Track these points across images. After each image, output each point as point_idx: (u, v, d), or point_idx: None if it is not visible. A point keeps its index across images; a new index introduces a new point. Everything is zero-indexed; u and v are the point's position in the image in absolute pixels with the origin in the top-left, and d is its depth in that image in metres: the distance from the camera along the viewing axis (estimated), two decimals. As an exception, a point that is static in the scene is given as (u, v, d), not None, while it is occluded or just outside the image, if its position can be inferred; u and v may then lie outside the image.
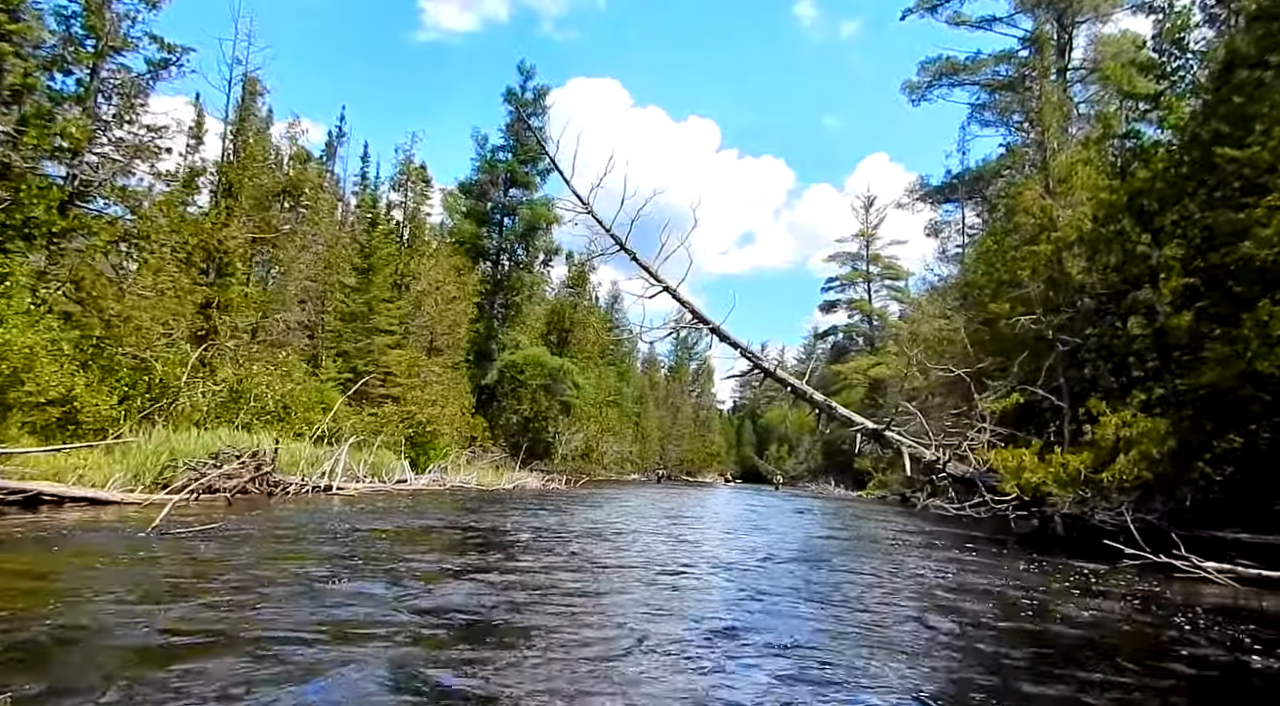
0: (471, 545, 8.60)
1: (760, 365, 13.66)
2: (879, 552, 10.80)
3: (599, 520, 13.51)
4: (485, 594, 5.75)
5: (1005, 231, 24.06)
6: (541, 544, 9.31)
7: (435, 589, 5.85)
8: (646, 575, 7.30)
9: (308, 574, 6.11)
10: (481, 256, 38.82)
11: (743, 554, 9.41)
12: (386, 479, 18.69)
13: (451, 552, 8.15)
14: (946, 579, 8.15)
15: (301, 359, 27.98)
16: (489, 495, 20.77)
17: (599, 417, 50.65)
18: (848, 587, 7.30)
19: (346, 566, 6.61)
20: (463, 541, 9.13)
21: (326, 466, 15.72)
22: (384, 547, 8.06)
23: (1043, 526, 13.43)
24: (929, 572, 8.56)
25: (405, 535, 9.31)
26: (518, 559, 7.88)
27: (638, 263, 13.96)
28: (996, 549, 11.44)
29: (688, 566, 8.09)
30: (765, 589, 6.92)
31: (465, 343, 36.34)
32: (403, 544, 8.50)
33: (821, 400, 13.60)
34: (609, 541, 9.52)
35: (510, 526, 11.36)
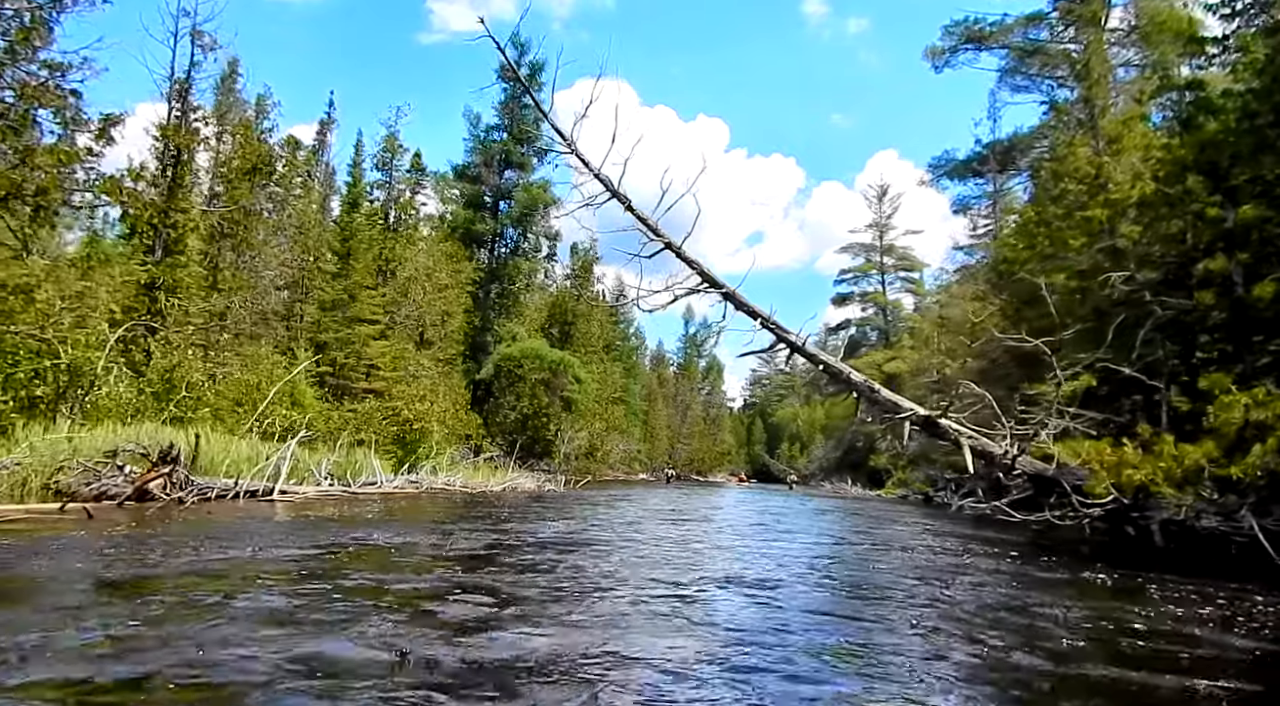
0: (354, 587, 6.08)
1: (785, 337, 11.19)
2: (945, 573, 8.35)
3: (580, 535, 11.07)
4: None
5: (1050, 199, 21.50)
6: (480, 572, 6.91)
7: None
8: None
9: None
10: (475, 243, 36.43)
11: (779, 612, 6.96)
12: (353, 481, 16.27)
13: (302, 600, 5.72)
14: (1063, 614, 5.68)
15: (279, 351, 25.72)
16: (473, 499, 18.36)
17: (604, 415, 48.25)
18: (941, 637, 4.83)
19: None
20: (344, 575, 6.68)
21: (271, 467, 13.31)
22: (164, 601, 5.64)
23: (1124, 534, 10.90)
24: (1037, 604, 6.08)
25: (262, 572, 6.87)
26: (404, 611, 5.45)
27: (632, 212, 11.48)
28: (1087, 564, 8.96)
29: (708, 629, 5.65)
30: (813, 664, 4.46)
31: (458, 335, 33.97)
32: (243, 580, 6.08)
33: (860, 380, 11.13)
34: (584, 580, 7.08)
35: (459, 545, 8.94)
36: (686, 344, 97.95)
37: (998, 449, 10.53)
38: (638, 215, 11.31)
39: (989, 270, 26.93)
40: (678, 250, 11.30)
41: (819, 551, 10.42)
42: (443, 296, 31.63)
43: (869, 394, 11.05)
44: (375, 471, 17.42)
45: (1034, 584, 7.64)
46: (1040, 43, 28.54)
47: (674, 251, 11.29)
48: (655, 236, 11.22)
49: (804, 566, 8.58)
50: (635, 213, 11.33)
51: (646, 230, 11.25)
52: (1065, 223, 20.52)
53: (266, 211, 27.95)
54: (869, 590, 7.17)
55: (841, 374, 11.34)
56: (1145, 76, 21.29)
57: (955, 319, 27.59)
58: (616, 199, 11.36)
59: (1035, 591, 7.01)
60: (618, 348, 60.13)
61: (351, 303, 27.50)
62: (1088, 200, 20.21)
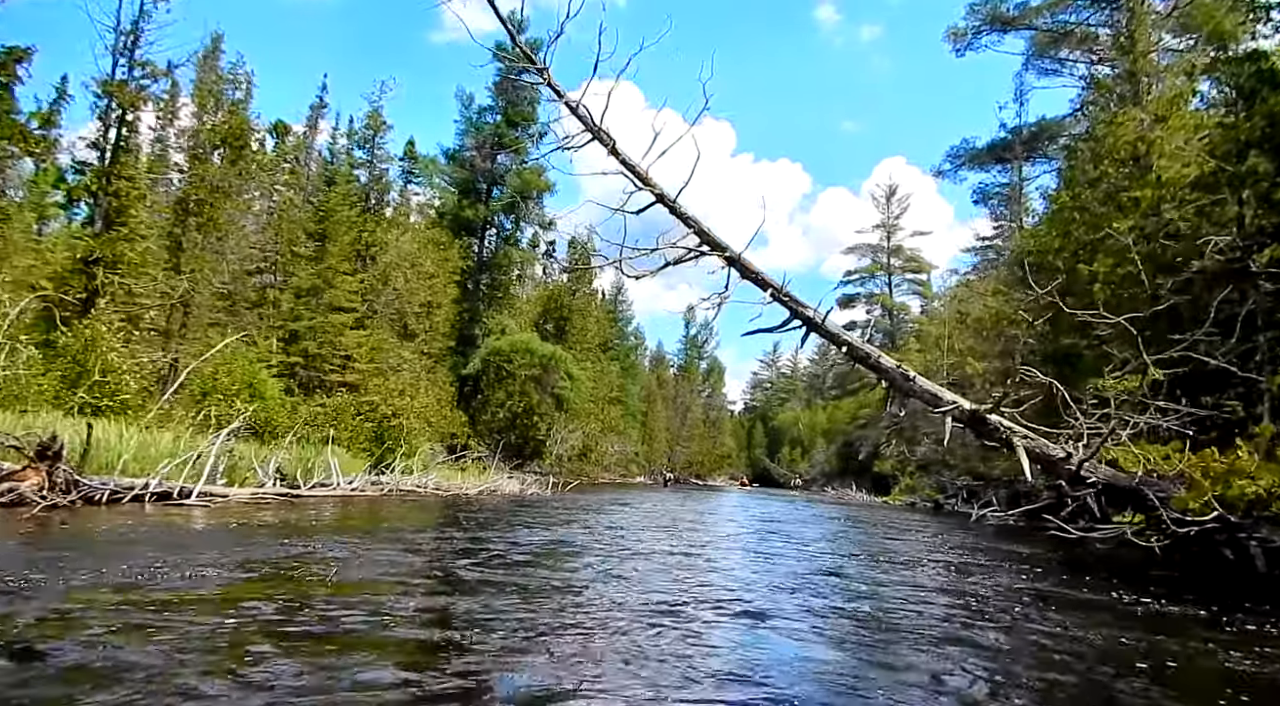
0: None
1: (801, 313, 9.23)
2: (982, 599, 6.39)
3: (550, 550, 9.14)
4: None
5: (1087, 183, 19.53)
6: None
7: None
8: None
9: None
10: (465, 230, 34.42)
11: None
12: (303, 482, 14.29)
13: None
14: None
15: (247, 339, 23.79)
16: (444, 503, 16.39)
17: (599, 415, 46.20)
18: None
19: None
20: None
21: (200, 465, 11.34)
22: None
23: (1198, 554, 8.92)
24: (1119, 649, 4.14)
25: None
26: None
27: (616, 156, 9.48)
28: (1164, 593, 6.99)
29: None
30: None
31: (445, 327, 32.01)
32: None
33: (892, 365, 9.18)
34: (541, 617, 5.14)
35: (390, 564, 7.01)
36: (687, 345, 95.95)
37: (1059, 451, 8.56)
38: (623, 159, 9.34)
39: (1013, 262, 24.92)
40: (671, 204, 9.34)
41: (832, 569, 8.49)
42: (428, 285, 29.66)
43: (903, 382, 9.07)
44: (333, 471, 15.43)
45: (1101, 616, 5.76)
46: (1071, 24, 26.56)
47: (667, 205, 9.34)
48: (643, 186, 9.25)
49: (822, 592, 6.65)
50: (620, 156, 9.36)
51: (633, 178, 9.29)
52: (1107, 207, 18.56)
53: (243, 191, 25.97)
54: (893, 624, 5.65)
55: (869, 358, 9.35)
56: (1197, 50, 19.30)
57: (975, 315, 25.52)
58: (598, 140, 9.41)
59: (1106, 626, 5.11)
60: (615, 346, 58.10)
61: (326, 288, 25.54)
62: (1130, 183, 18.27)
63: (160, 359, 18.30)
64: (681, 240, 9.34)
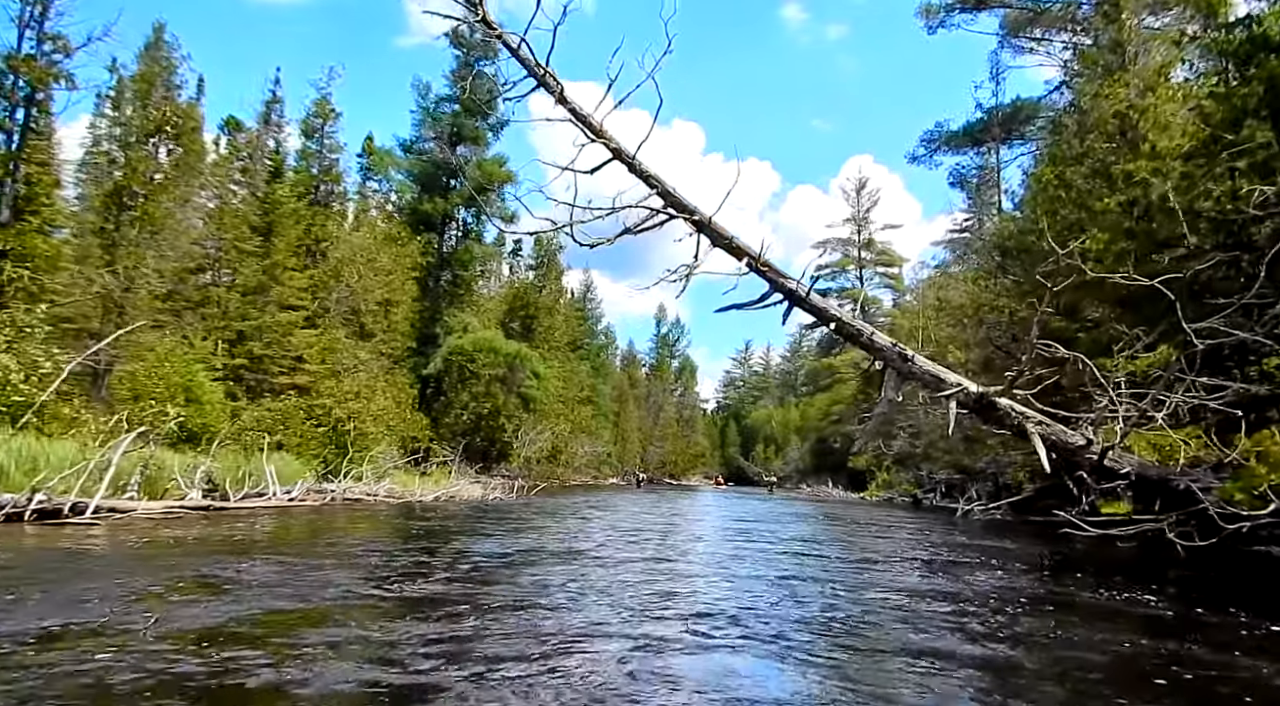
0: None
1: (782, 285, 8.10)
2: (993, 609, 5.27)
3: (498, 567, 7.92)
4: None
5: (1072, 158, 18.62)
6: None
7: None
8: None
9: None
10: (424, 225, 32.87)
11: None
12: (233, 492, 12.87)
13: None
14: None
15: (186, 341, 22.19)
16: (395, 512, 15.02)
17: (569, 415, 44.81)
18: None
19: None
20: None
21: (108, 475, 9.90)
22: None
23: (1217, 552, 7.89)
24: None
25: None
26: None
27: (565, 104, 8.17)
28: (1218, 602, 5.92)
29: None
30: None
31: (404, 326, 30.50)
32: None
33: (887, 343, 8.05)
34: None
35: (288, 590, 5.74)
36: (659, 344, 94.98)
37: (1078, 438, 7.46)
38: (572, 108, 8.08)
39: (992, 247, 24.03)
40: (629, 160, 8.11)
41: (814, 576, 7.36)
42: (384, 281, 28.16)
43: (900, 363, 7.94)
44: (270, 479, 14.00)
45: (1126, 625, 4.70)
46: (1048, 1, 25.71)
47: (625, 162, 8.11)
48: (596, 138, 8.00)
49: (806, 603, 5.53)
50: (568, 104, 8.10)
51: (584, 129, 8.03)
52: (1094, 182, 17.67)
53: (183, 184, 24.28)
54: (886, 639, 4.91)
55: (861, 335, 8.19)
56: (1183, 18, 18.48)
57: (956, 303, 24.57)
58: (543, 87, 8.15)
59: (1139, 637, 4.02)
60: (586, 345, 56.77)
61: (273, 285, 23.97)
62: (1118, 157, 17.37)
63: (75, 360, 16.65)
64: (645, 200, 8.13)
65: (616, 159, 8.20)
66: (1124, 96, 16.09)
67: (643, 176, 8.17)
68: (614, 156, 8.17)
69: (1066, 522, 8.96)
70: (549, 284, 47.28)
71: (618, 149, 8.16)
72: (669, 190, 8.21)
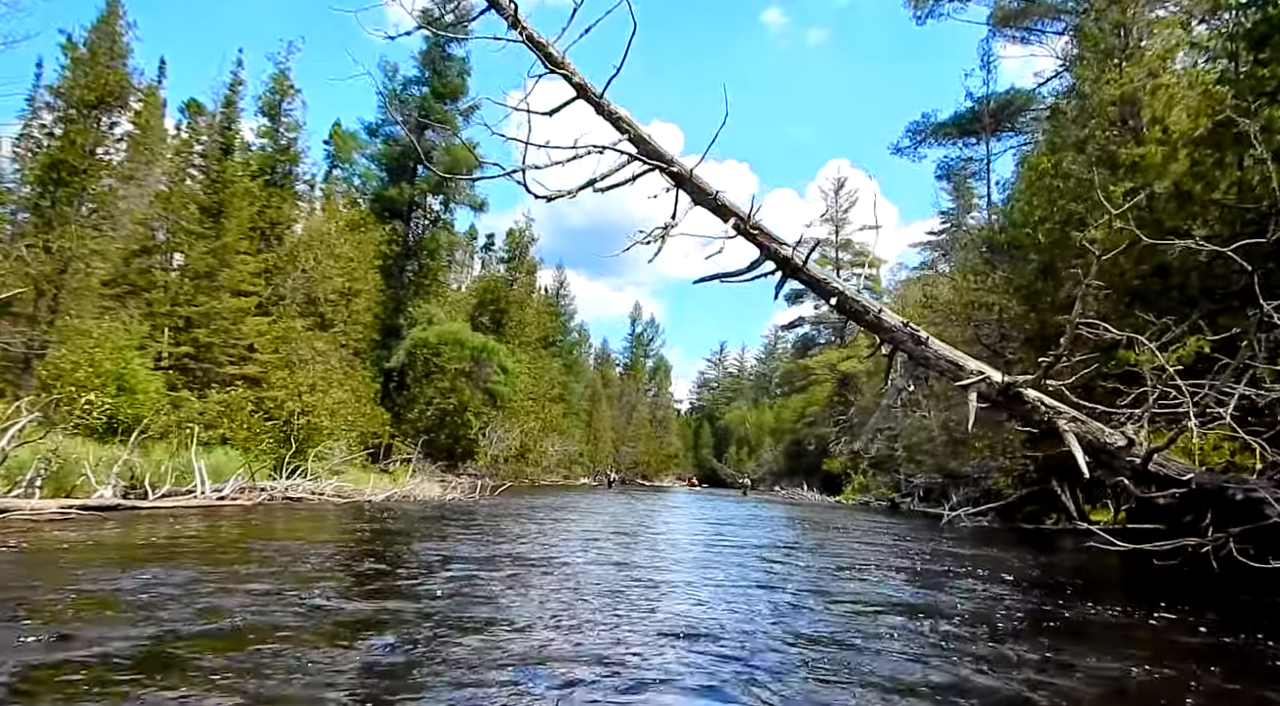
0: None
1: (775, 253, 6.95)
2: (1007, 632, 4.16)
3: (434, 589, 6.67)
4: None
5: (1072, 146, 17.68)
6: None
7: None
8: None
9: None
10: (389, 212, 31.37)
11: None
12: (151, 490, 11.47)
13: None
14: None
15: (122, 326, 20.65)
16: (338, 513, 13.67)
17: (540, 413, 43.48)
18: None
19: None
20: None
21: None
22: None
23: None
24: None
25: None
26: None
27: (519, 27, 6.83)
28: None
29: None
30: None
31: (366, 317, 28.99)
32: None
33: (897, 323, 6.90)
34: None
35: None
36: (633, 343, 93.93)
37: (1119, 438, 6.35)
38: (526, 33, 6.77)
39: (981, 242, 23.08)
40: (596, 99, 6.86)
41: (800, 587, 6.24)
42: (344, 269, 26.66)
43: (912, 346, 6.79)
44: (199, 476, 12.59)
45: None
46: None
47: (590, 101, 6.85)
48: (555, 69, 6.73)
49: (786, 620, 4.43)
50: (523, 27, 6.79)
51: (542, 59, 6.76)
52: (1095, 171, 16.70)
53: (125, 159, 22.69)
54: (889, 671, 4.01)
55: (866, 313, 7.01)
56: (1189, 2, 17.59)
57: (945, 299, 23.59)
58: (495, 8, 6.87)
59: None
60: (559, 342, 55.42)
61: (223, 269, 22.44)
62: (1120, 145, 16.44)
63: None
64: (617, 144, 6.87)
65: (581, 97, 6.95)
66: (1132, 76, 15.14)
67: (612, 119, 6.94)
68: (578, 94, 6.92)
69: (1089, 534, 7.83)
70: (520, 277, 45.90)
71: (582, 84, 6.92)
72: (643, 136, 7.00)
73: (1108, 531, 8.65)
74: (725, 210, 7.03)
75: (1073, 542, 17.55)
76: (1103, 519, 21.72)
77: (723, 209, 7.02)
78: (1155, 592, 7.24)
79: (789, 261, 6.96)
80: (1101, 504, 22.09)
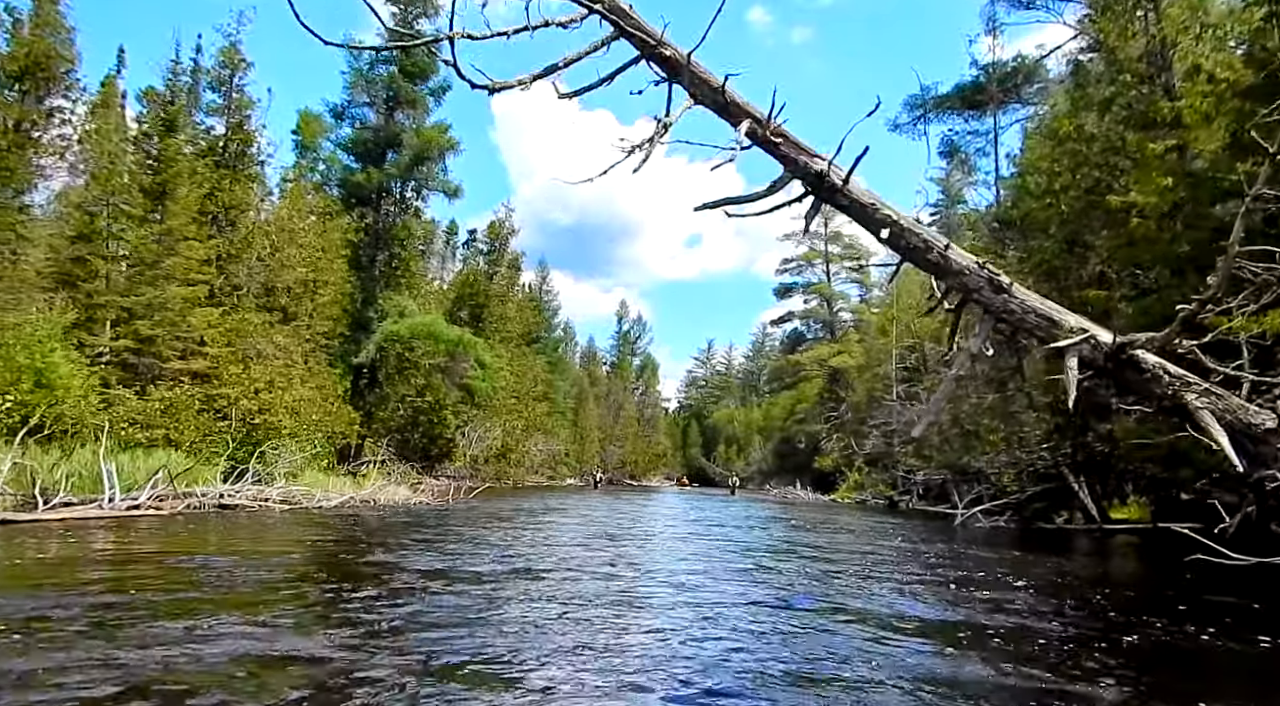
0: None
1: (804, 165, 5.13)
2: None
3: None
4: None
5: (1096, 107, 16.06)
6: None
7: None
8: None
9: None
10: (356, 199, 29.44)
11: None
12: (42, 500, 9.63)
13: None
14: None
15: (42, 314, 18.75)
16: (267, 523, 11.84)
17: (523, 412, 41.63)
18: None
19: None
20: None
21: None
22: None
23: None
24: None
25: None
26: None
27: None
28: None
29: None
30: None
31: (334, 310, 27.10)
32: None
33: (970, 263, 5.23)
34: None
35: None
36: (620, 341, 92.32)
37: (1268, 418, 4.64)
38: None
39: (991, 218, 21.45)
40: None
41: (814, 607, 4.60)
42: (307, 257, 24.76)
43: (991, 294, 5.04)
44: (106, 481, 10.74)
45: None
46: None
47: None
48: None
49: (804, 653, 3.46)
50: None
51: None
52: (1125, 130, 15.09)
53: (49, 131, 20.74)
54: None
55: (929, 250, 5.18)
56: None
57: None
58: None
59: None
60: (542, 339, 53.52)
61: (167, 256, 20.49)
62: (1148, 107, 14.81)
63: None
64: (585, 19, 5.11)
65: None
66: (1174, 17, 13.49)
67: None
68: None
69: (1205, 546, 6.12)
70: (501, 270, 44.03)
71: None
72: (622, 5, 5.26)
73: (1203, 535, 6.96)
74: (736, 110, 5.30)
75: (1089, 543, 16.05)
76: (1123, 516, 20.23)
77: (732, 109, 5.29)
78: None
79: (823, 179, 5.21)
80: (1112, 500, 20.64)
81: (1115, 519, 19.25)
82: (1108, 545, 15.86)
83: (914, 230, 5.24)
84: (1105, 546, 15.67)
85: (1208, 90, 12.93)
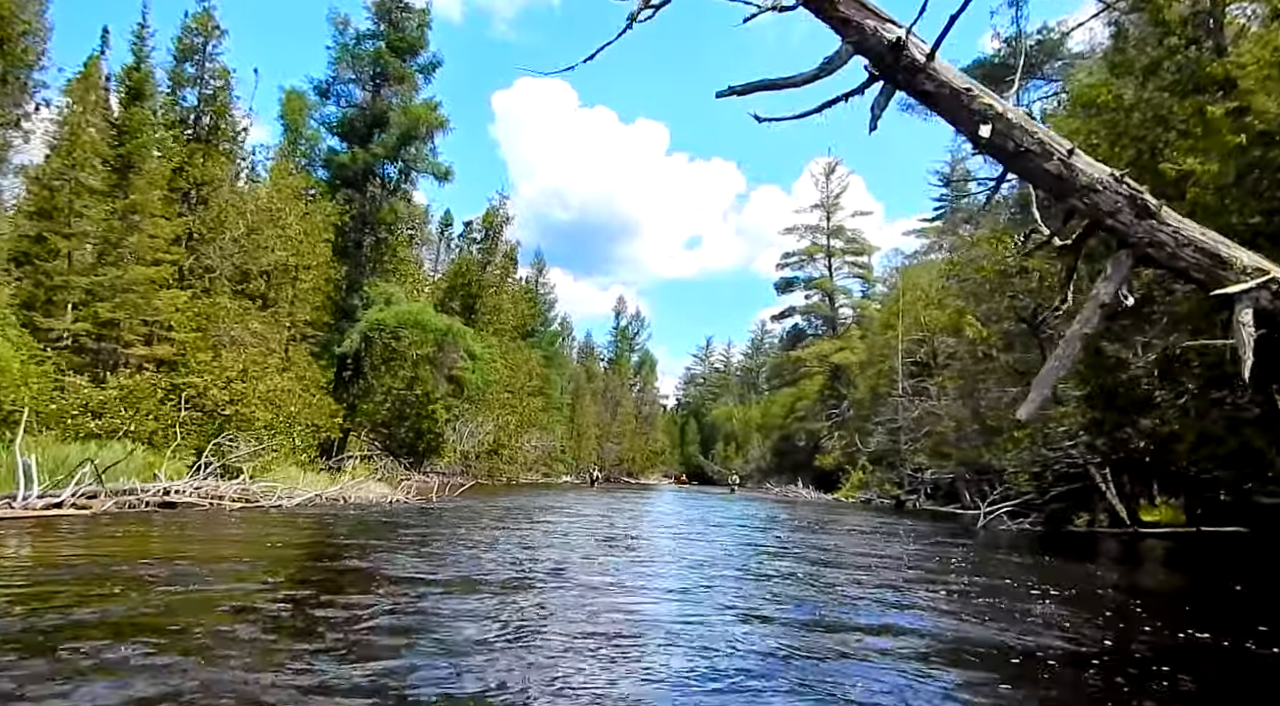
0: None
1: (871, 35, 3.67)
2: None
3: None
4: None
5: (1143, 71, 14.68)
6: None
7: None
8: None
9: None
10: (341, 180, 27.98)
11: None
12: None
13: None
14: None
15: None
16: (206, 525, 10.44)
17: (518, 407, 40.20)
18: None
19: None
20: None
21: None
22: None
23: None
24: None
25: None
26: None
27: None
28: None
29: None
30: None
31: (316, 296, 25.69)
32: None
33: (1103, 174, 3.79)
34: None
35: None
36: (617, 337, 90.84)
37: None
38: None
39: (1015, 201, 20.12)
40: None
41: (839, 626, 3.31)
42: (286, 239, 23.33)
43: (1130, 219, 3.61)
44: (20, 478, 9.33)
45: None
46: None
47: None
48: None
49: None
50: None
51: None
52: (1173, 95, 13.71)
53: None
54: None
55: (1047, 155, 3.70)
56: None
57: (977, 265, 20.46)
58: None
59: None
60: (538, 332, 52.02)
61: (132, 233, 19.07)
62: (1197, 70, 13.44)
63: None
64: None
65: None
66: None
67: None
68: None
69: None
70: (495, 259, 42.57)
71: None
72: None
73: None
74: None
75: (1124, 548, 14.75)
76: (1154, 518, 18.92)
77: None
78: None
79: (900, 53, 3.79)
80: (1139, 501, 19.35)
81: (1146, 521, 17.99)
82: (1144, 550, 14.59)
83: (1027, 127, 3.84)
84: (1142, 551, 14.40)
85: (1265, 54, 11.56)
